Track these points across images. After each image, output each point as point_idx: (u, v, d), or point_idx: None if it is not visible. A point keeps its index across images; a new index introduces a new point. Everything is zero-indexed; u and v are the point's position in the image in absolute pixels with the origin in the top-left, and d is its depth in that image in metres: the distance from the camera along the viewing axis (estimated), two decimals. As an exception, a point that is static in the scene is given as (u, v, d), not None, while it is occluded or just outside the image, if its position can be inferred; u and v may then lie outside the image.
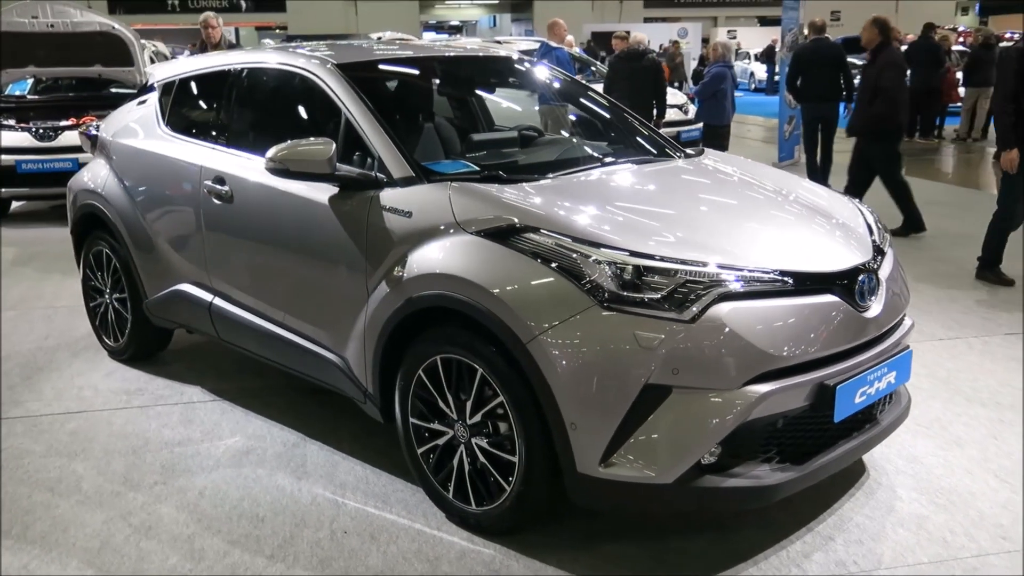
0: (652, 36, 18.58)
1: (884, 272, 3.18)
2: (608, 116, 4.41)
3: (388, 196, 3.31)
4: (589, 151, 3.99)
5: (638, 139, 4.18)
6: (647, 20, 39.80)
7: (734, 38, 36.49)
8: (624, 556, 3.01)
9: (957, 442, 3.78)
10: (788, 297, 2.85)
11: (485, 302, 2.89)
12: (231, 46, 7.78)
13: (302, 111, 4.07)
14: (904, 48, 13.96)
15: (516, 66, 4.55)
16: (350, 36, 36.70)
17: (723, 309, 2.73)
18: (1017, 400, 4.19)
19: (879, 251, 3.26)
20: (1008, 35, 26.61)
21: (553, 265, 2.84)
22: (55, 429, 4.14)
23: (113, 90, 10.00)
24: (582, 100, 4.52)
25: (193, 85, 4.56)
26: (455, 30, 51.90)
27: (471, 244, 3.03)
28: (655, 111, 9.71)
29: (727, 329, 2.71)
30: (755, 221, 3.23)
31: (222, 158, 4.03)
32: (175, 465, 3.75)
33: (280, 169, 3.43)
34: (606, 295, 2.75)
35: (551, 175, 3.45)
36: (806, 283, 2.89)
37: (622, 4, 41.64)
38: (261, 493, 3.50)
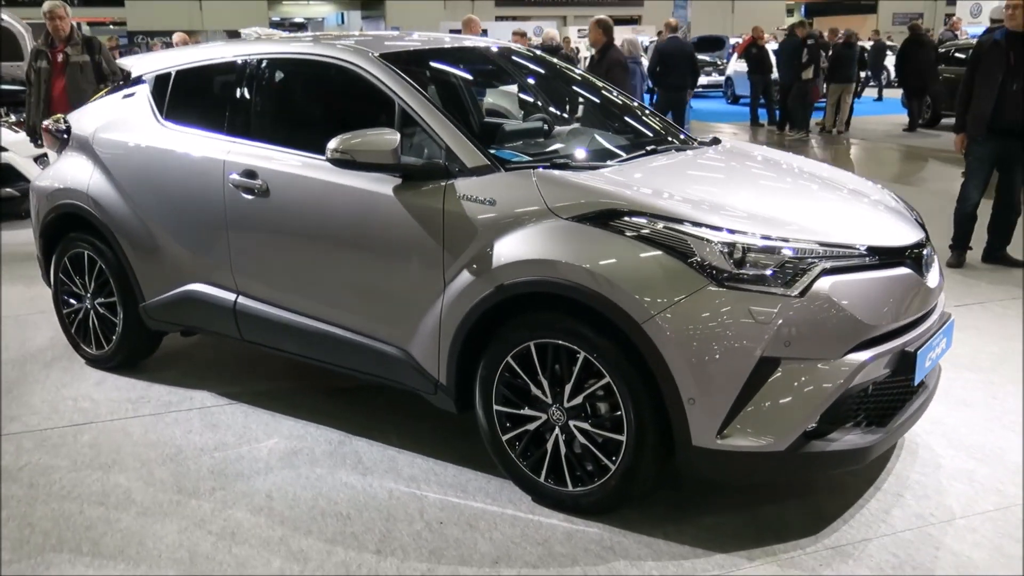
0: (504, 35, 18.78)
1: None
2: (614, 107, 4.52)
3: (465, 185, 3.31)
4: (621, 140, 4.08)
5: (646, 127, 4.30)
6: (498, 19, 40.29)
7: (584, 37, 37.35)
8: (723, 525, 3.14)
9: (964, 403, 4.12)
10: (875, 270, 3.05)
11: (594, 285, 2.95)
12: (86, 40, 7.30)
13: (343, 103, 3.97)
14: (774, 47, 14.82)
15: (516, 57, 4.59)
16: (197, 33, 35.36)
17: (826, 283, 2.90)
18: (995, 363, 4.59)
19: (923, 227, 3.52)
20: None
21: (662, 247, 2.93)
22: (69, 442, 3.90)
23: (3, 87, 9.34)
24: (589, 92, 4.61)
25: (199, 77, 4.36)
26: (297, 27, 50.79)
27: (569, 230, 3.08)
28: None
29: (830, 302, 2.88)
30: (819, 201, 3.43)
31: (250, 151, 3.89)
32: (224, 470, 3.62)
33: (345, 160, 3.37)
34: (720, 274, 2.86)
35: (610, 163, 3.53)
36: (887, 257, 3.11)
37: (474, 3, 41.92)
38: (332, 491, 3.43)
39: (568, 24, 43.35)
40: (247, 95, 4.02)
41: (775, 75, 15.70)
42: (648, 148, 3.83)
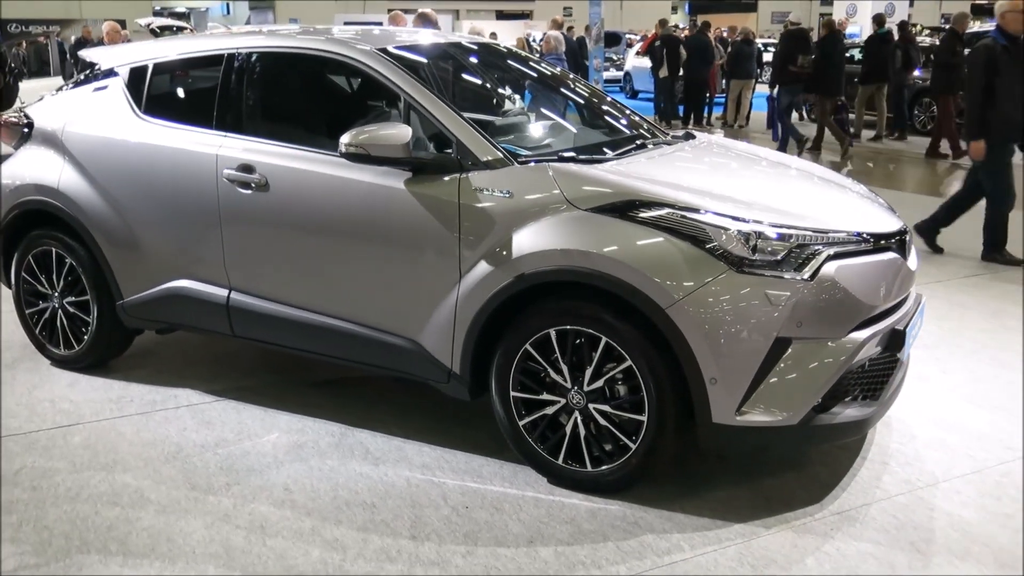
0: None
1: None
2: (590, 103, 4.66)
3: (480, 178, 3.40)
4: (606, 135, 4.23)
5: (623, 122, 4.46)
6: (390, 11, 40.01)
7: (484, 33, 37.49)
8: (734, 498, 3.33)
9: (921, 378, 4.44)
10: (870, 255, 3.29)
11: (618, 273, 3.09)
12: None
13: (344, 98, 3.99)
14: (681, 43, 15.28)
15: (503, 53, 4.69)
16: (73, 22, 33.89)
17: (831, 268, 3.12)
18: (936, 340, 4.95)
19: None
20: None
21: (682, 235, 3.10)
22: (60, 444, 3.81)
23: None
24: (564, 88, 4.74)
25: (180, 70, 4.30)
26: (179, 17, 49.22)
27: (589, 220, 3.21)
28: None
29: (836, 284, 3.11)
30: (811, 191, 3.67)
31: (245, 145, 3.87)
32: (232, 466, 3.61)
33: (359, 154, 3.42)
34: (739, 260, 3.05)
35: (612, 156, 3.67)
36: (878, 242, 3.35)
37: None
38: (349, 482, 3.47)
39: (460, 19, 43.47)
40: (239, 89, 3.99)
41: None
42: (637, 143, 3.99)
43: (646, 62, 17.65)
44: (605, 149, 3.83)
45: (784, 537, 3.08)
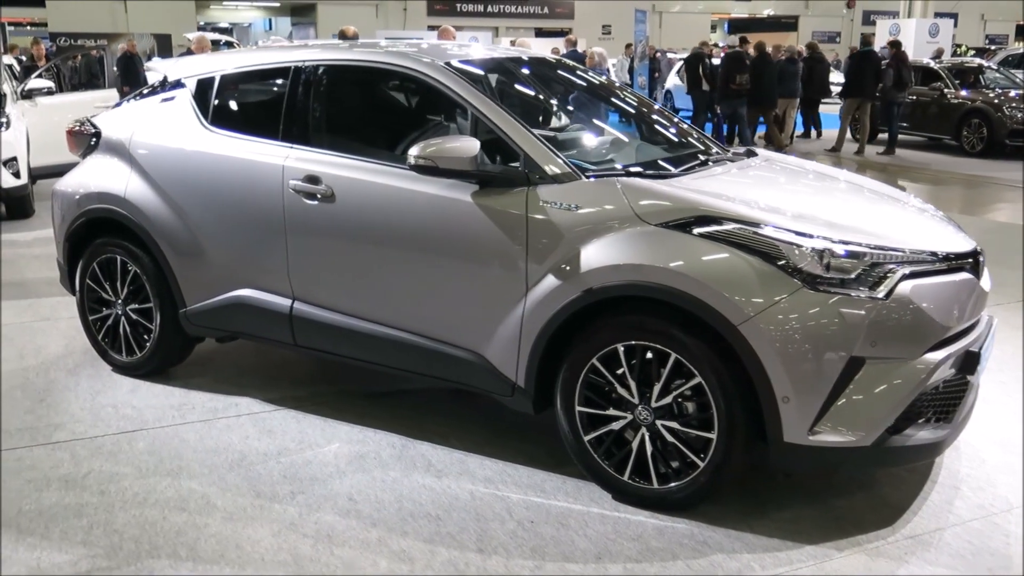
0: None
1: None
2: (644, 117, 4.65)
3: (548, 192, 3.41)
4: (670, 150, 4.21)
5: (686, 139, 4.44)
6: (431, 28, 40.32)
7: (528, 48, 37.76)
8: (802, 518, 3.29)
9: (985, 401, 4.33)
10: (945, 275, 3.24)
11: (690, 289, 3.08)
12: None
13: (410, 111, 4.02)
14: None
15: (565, 68, 4.70)
16: (120, 36, 34.49)
17: (907, 287, 3.08)
18: (999, 364, 4.85)
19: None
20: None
21: (755, 252, 3.08)
22: (125, 449, 3.85)
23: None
24: (622, 102, 4.74)
25: (247, 82, 4.36)
26: (222, 32, 49.97)
27: (660, 235, 3.20)
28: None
29: (912, 304, 3.06)
30: (883, 209, 3.63)
31: (311, 157, 3.90)
32: (296, 474, 3.62)
33: (428, 167, 3.43)
34: (813, 278, 3.02)
35: (678, 172, 3.66)
36: (952, 262, 3.31)
37: (406, 12, 41.94)
38: (413, 493, 3.47)
39: (500, 35, 43.77)
40: (306, 101, 4.02)
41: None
42: (700, 159, 3.97)
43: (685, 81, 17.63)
44: (669, 165, 3.81)
45: (857, 560, 3.03)
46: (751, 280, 3.05)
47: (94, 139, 4.67)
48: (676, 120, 4.60)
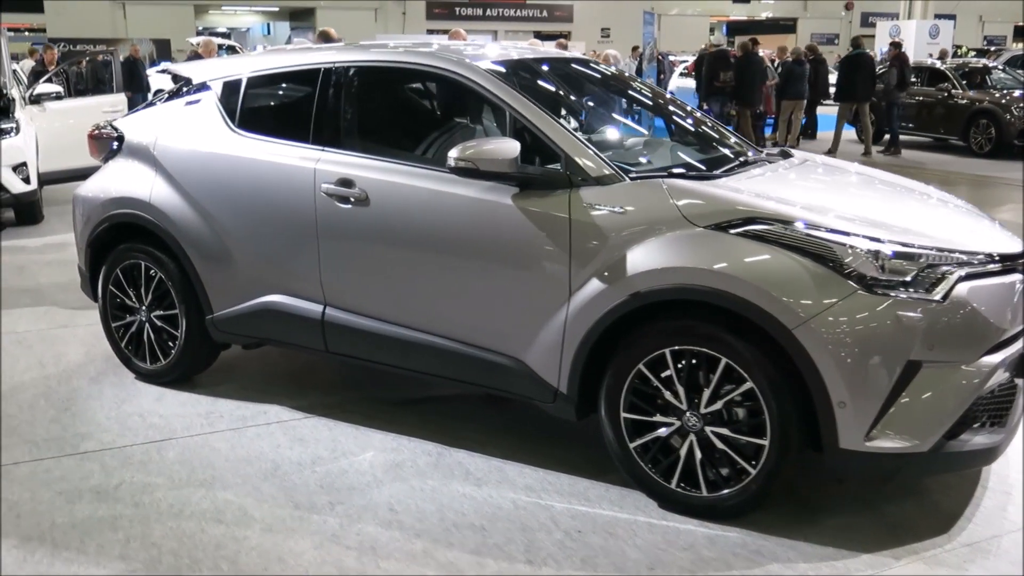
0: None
1: None
2: (677, 119, 4.58)
3: (592, 194, 3.33)
4: (705, 152, 4.14)
5: (721, 140, 4.37)
6: (430, 32, 40.31)
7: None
8: (855, 525, 3.22)
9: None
10: (999, 277, 3.17)
11: (742, 292, 3.00)
12: None
13: (446, 113, 3.95)
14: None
15: (591, 68, 4.63)
16: (120, 41, 34.38)
17: (963, 288, 3.01)
18: None
19: None
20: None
21: (808, 254, 3.00)
22: (156, 459, 3.77)
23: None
24: (656, 104, 4.67)
25: (275, 84, 4.28)
26: (221, 36, 49.87)
27: (709, 238, 3.13)
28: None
29: (969, 307, 3.00)
30: (933, 210, 3.56)
31: (344, 160, 3.83)
32: (332, 484, 3.55)
33: (468, 169, 3.36)
34: (868, 280, 2.95)
35: (720, 173, 3.59)
36: (1005, 263, 3.24)
37: (405, 16, 41.89)
38: (454, 503, 3.39)
39: (499, 39, 43.73)
40: (337, 104, 3.95)
41: None
42: (739, 160, 3.90)
43: (689, 82, 17.61)
44: (709, 166, 3.74)
45: (916, 569, 2.96)
46: (805, 283, 2.98)
47: (116, 143, 4.59)
48: (708, 120, 4.53)
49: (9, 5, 36.19)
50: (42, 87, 9.52)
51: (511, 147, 3.36)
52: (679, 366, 3.18)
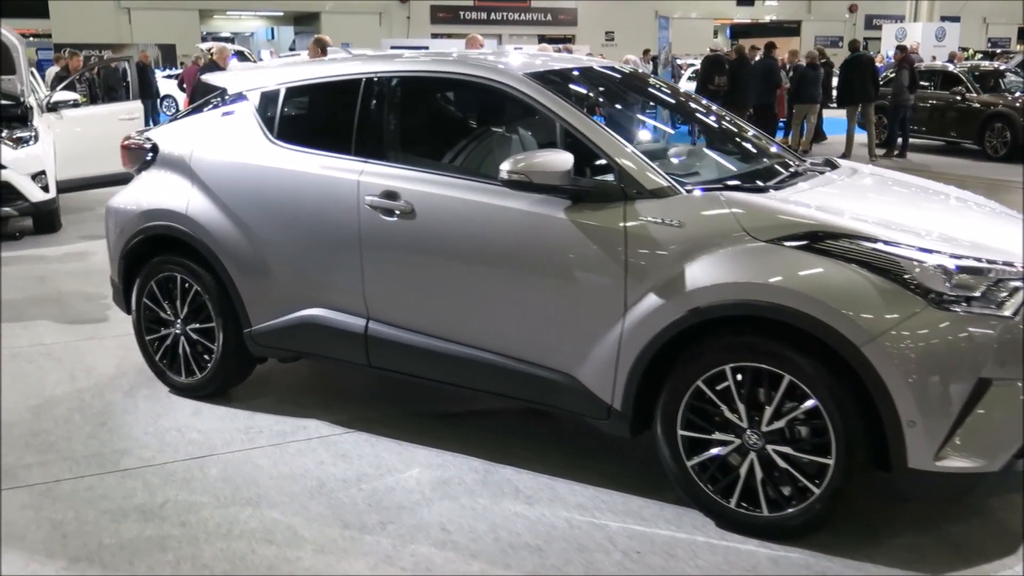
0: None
1: None
2: (719, 129, 4.51)
3: (648, 207, 3.27)
4: (751, 162, 4.07)
5: (764, 149, 4.31)
6: (434, 36, 40.31)
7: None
8: (920, 546, 3.15)
9: None
10: (1067, 291, 3.10)
11: (807, 308, 2.94)
12: None
13: (493, 123, 3.89)
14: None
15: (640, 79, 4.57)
16: (127, 46, 34.36)
17: (1034, 304, 2.94)
18: None
19: None
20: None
21: (874, 269, 2.94)
22: (198, 476, 3.70)
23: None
24: (698, 113, 4.60)
25: (315, 95, 4.22)
26: (225, 41, 49.86)
27: (771, 252, 3.07)
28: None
29: (1039, 322, 2.93)
30: (994, 223, 3.49)
31: (388, 172, 3.77)
32: (380, 502, 3.48)
33: (521, 182, 3.31)
34: (938, 296, 2.89)
35: (773, 185, 3.52)
36: (1072, 277, 3.17)
37: (409, 20, 41.88)
38: (507, 522, 3.33)
39: (503, 43, 43.67)
40: (380, 114, 3.88)
41: None
42: (790, 171, 3.83)
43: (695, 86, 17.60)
44: (760, 178, 3.67)
45: (988, 591, 2.89)
46: (873, 298, 2.91)
47: (151, 154, 4.53)
48: (754, 131, 4.46)
49: (14, 10, 36.22)
50: (59, 95, 9.47)
51: (564, 159, 3.30)
52: (740, 383, 3.12)
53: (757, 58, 15.12)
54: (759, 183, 3.54)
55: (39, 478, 3.68)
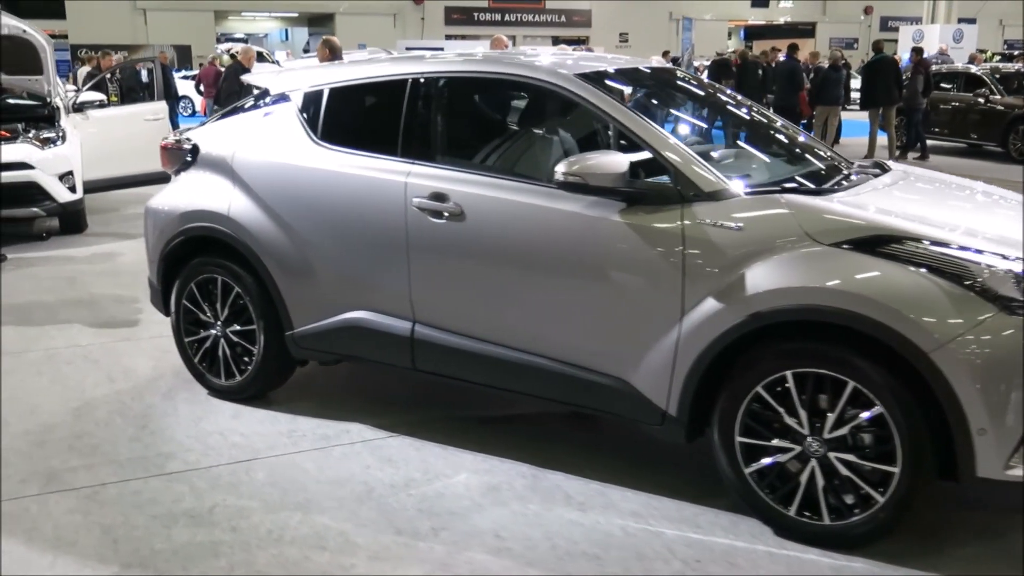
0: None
1: None
2: (767, 130, 4.45)
3: (706, 210, 3.22)
4: (802, 165, 4.02)
5: (812, 152, 4.25)
6: (448, 37, 40.32)
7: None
8: (985, 556, 3.09)
9: None
10: None
11: (874, 313, 2.88)
12: None
13: (544, 125, 3.84)
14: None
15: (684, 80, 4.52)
16: (142, 47, 34.47)
17: (1105, 310, 2.88)
18: None
19: None
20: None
21: (943, 274, 2.88)
22: (244, 480, 3.67)
23: (11, 100, 8.91)
24: (745, 115, 4.54)
25: (360, 95, 4.18)
26: (239, 42, 49.96)
27: (834, 256, 3.01)
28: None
29: (1108, 328, 2.86)
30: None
31: (436, 173, 3.72)
32: (431, 508, 3.44)
33: (577, 184, 3.26)
34: (1008, 301, 2.83)
35: (830, 188, 3.47)
36: None
37: (424, 21, 41.89)
38: (562, 529, 3.28)
39: (517, 44, 43.64)
40: (427, 116, 3.84)
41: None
42: (843, 173, 3.77)
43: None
44: (815, 180, 3.62)
45: (1059, 603, 2.83)
46: (942, 304, 2.85)
47: (191, 155, 4.50)
48: (801, 134, 4.41)
49: (31, 11, 36.36)
50: (85, 95, 9.47)
51: (620, 161, 3.25)
52: (802, 389, 3.06)
53: (780, 58, 15.07)
54: (813, 185, 3.48)
55: (85, 482, 3.65)
